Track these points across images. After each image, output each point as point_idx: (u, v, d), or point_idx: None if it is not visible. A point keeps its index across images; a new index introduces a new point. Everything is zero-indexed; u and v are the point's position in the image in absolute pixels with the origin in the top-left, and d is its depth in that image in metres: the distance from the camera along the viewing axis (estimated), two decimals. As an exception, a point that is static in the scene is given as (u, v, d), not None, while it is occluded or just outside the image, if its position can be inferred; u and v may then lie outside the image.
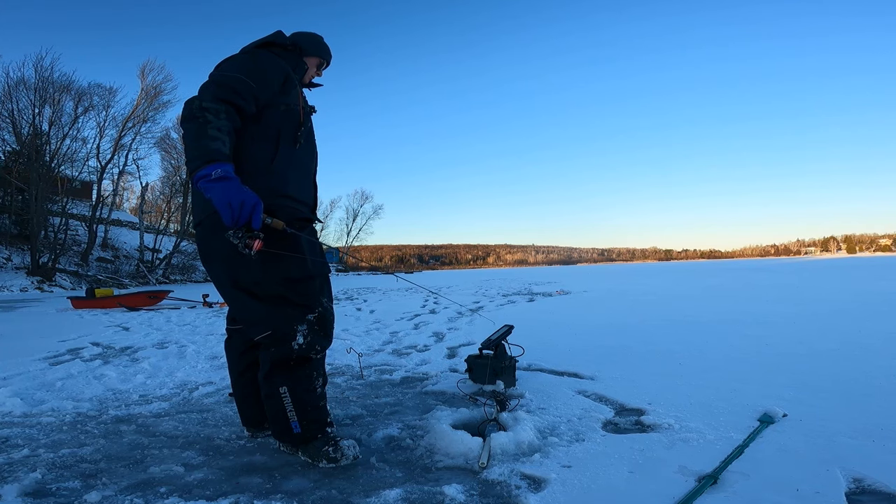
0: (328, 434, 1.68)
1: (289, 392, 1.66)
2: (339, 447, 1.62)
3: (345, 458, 1.61)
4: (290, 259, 1.67)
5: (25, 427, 2.10)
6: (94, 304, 9.12)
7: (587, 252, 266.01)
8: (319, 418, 1.68)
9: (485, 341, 2.61)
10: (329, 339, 1.76)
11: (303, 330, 1.67)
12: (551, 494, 1.36)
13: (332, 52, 2.04)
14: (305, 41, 1.95)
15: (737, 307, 6.06)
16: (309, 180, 1.85)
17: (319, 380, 1.72)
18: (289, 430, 1.66)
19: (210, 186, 1.48)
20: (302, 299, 1.68)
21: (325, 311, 1.75)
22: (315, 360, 1.71)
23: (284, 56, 1.86)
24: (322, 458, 1.61)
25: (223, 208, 1.48)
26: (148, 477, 1.57)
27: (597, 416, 2.02)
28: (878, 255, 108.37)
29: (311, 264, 1.71)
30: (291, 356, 1.66)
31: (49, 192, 22.02)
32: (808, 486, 1.35)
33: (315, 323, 1.70)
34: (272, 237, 1.63)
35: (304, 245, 1.71)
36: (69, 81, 22.67)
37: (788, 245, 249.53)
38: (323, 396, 1.73)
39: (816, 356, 2.99)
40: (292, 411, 1.65)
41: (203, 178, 1.50)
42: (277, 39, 1.89)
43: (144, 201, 30.24)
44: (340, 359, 3.48)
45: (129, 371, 3.22)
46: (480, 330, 4.67)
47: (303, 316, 1.68)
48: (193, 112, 1.55)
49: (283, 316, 1.66)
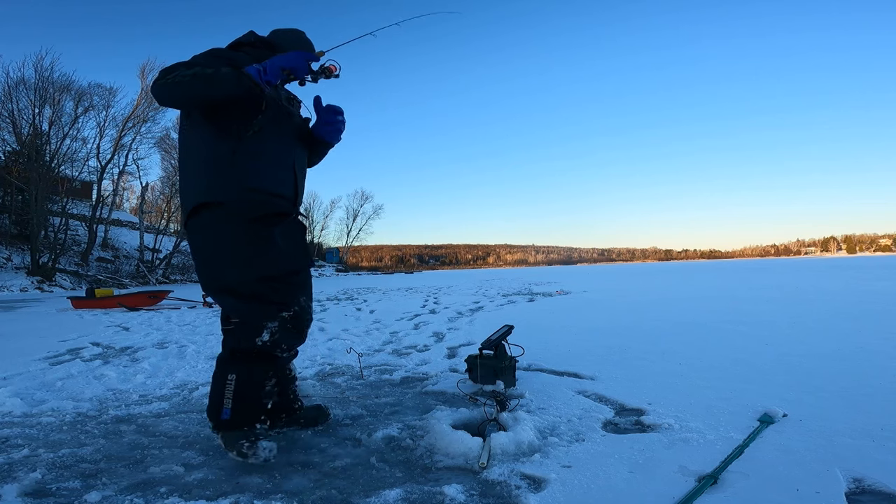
0: (255, 430, 1.68)
1: (236, 381, 1.66)
2: (255, 446, 1.62)
3: (254, 458, 1.61)
4: (263, 257, 1.66)
5: (25, 427, 2.10)
6: (94, 304, 9.12)
7: (587, 252, 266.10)
8: (253, 414, 1.68)
9: (485, 341, 2.61)
10: (301, 338, 1.77)
11: (272, 327, 1.67)
12: (551, 494, 1.36)
13: (314, 47, 1.98)
14: (280, 38, 1.93)
15: (737, 307, 6.06)
16: (285, 172, 1.79)
17: (273, 379, 1.72)
18: (218, 412, 1.67)
19: (270, 70, 1.62)
20: (279, 297, 1.69)
21: (302, 310, 1.74)
22: (279, 358, 1.72)
23: (252, 54, 1.84)
24: (234, 450, 1.63)
25: (292, 63, 1.64)
26: (148, 477, 1.57)
27: (597, 416, 2.02)
28: (878, 255, 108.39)
29: (285, 260, 1.70)
30: (253, 350, 1.67)
31: (49, 192, 22.02)
32: (808, 486, 1.35)
33: (288, 321, 1.70)
34: (242, 238, 1.65)
35: (277, 241, 1.69)
36: (69, 81, 22.71)
37: (788, 245, 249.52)
38: (270, 395, 1.72)
39: (817, 356, 2.99)
40: (230, 399, 1.66)
41: (261, 74, 1.61)
42: (245, 39, 1.90)
43: (144, 201, 30.24)
44: (340, 359, 3.48)
45: (129, 371, 3.22)
46: (480, 330, 4.67)
47: (276, 313, 1.68)
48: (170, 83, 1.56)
49: (255, 310, 1.68)
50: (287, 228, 1.76)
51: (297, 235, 1.80)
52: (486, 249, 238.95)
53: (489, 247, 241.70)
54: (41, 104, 21.82)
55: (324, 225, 57.73)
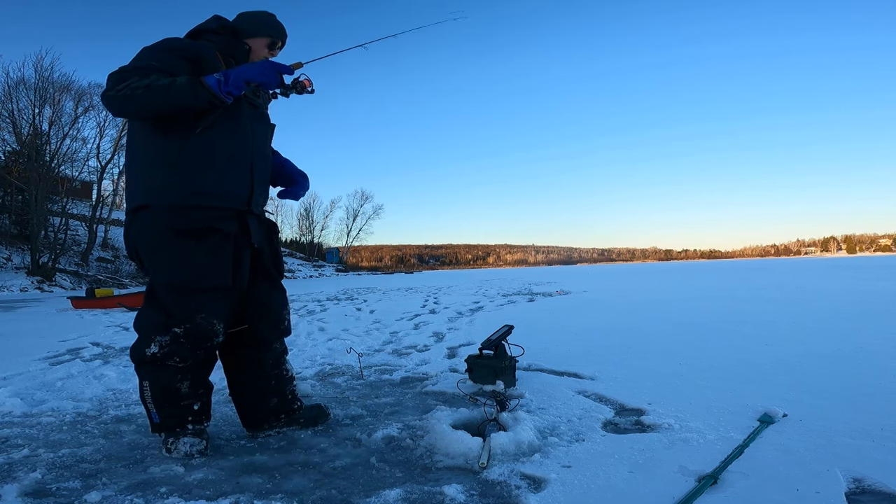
0: (186, 430, 1.72)
1: (150, 387, 1.70)
2: (177, 442, 1.69)
3: (176, 453, 1.68)
4: (175, 266, 1.65)
5: (25, 427, 2.10)
6: (94, 304, 9.12)
7: (587, 252, 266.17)
8: (177, 414, 1.71)
9: (485, 341, 2.61)
10: (198, 352, 1.69)
11: (161, 340, 1.65)
12: (551, 494, 1.36)
13: (284, 30, 1.94)
14: (244, 22, 1.86)
15: (737, 307, 6.06)
16: (236, 169, 1.72)
17: (185, 382, 1.71)
18: (150, 418, 1.73)
19: (233, 81, 1.54)
20: (175, 310, 1.66)
21: (196, 326, 1.66)
22: (178, 367, 1.69)
23: (215, 40, 1.78)
24: (164, 448, 1.71)
25: (260, 77, 1.56)
26: (148, 477, 1.57)
27: (597, 416, 2.02)
28: (878, 255, 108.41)
29: (200, 274, 1.65)
30: (146, 358, 1.68)
31: (49, 192, 22.05)
32: (808, 486, 1.35)
33: (182, 336, 1.66)
34: (163, 245, 1.65)
35: (195, 253, 1.64)
36: (69, 81, 22.79)
37: (788, 245, 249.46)
38: (189, 396, 1.73)
39: (817, 356, 2.99)
40: (151, 404, 1.71)
41: (220, 85, 1.53)
42: (206, 26, 1.83)
43: (144, 201, 30.19)
44: (340, 359, 3.48)
45: (129, 371, 3.22)
46: (480, 330, 4.67)
47: (167, 327, 1.65)
48: (121, 96, 1.51)
49: (148, 321, 1.70)
50: (217, 245, 1.68)
51: (225, 253, 1.70)
52: (486, 249, 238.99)
53: (489, 247, 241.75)
54: (41, 104, 21.89)
55: (324, 225, 57.80)
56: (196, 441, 1.69)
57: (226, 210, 1.72)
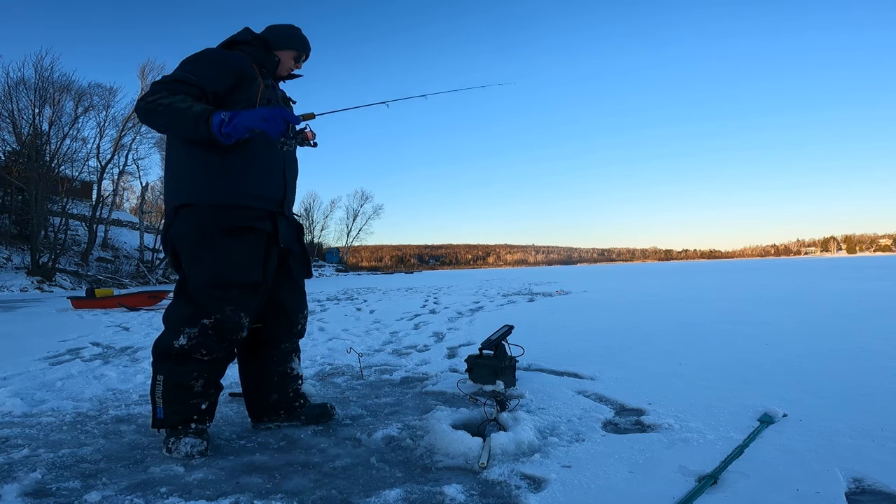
0: (188, 428, 1.72)
1: (163, 382, 1.71)
2: (178, 441, 1.69)
3: (176, 453, 1.68)
4: (215, 261, 1.71)
5: (25, 427, 2.10)
6: (94, 304, 9.11)
7: (587, 252, 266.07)
8: (183, 412, 1.72)
9: (485, 341, 2.61)
10: (224, 344, 1.74)
11: (190, 332, 1.69)
12: (551, 494, 1.36)
13: (309, 44, 2.04)
14: (274, 35, 1.96)
15: (737, 307, 6.06)
16: (274, 175, 1.84)
17: (200, 380, 1.73)
18: (154, 412, 1.74)
19: (235, 124, 1.54)
20: (207, 302, 1.71)
21: (226, 318, 1.73)
22: (202, 360, 1.72)
23: (249, 52, 1.88)
24: (164, 447, 1.71)
25: (263, 125, 1.54)
26: (148, 477, 1.57)
27: (597, 416, 2.02)
28: (878, 255, 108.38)
29: (233, 270, 1.73)
30: (171, 351, 1.70)
31: (49, 192, 22.02)
32: (808, 486, 1.35)
33: (210, 328, 1.71)
34: (204, 240, 1.70)
35: (232, 250, 1.73)
36: (69, 81, 22.73)
37: (788, 245, 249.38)
38: (200, 395, 1.74)
39: (816, 356, 2.99)
40: (160, 398, 1.71)
41: (222, 126, 1.54)
42: (240, 37, 1.92)
43: (144, 201, 30.25)
44: (340, 359, 3.48)
45: (129, 371, 3.23)
46: (480, 330, 4.67)
47: (197, 319, 1.70)
48: (146, 108, 1.59)
49: (178, 313, 1.73)
50: (253, 243, 1.78)
51: (258, 252, 1.80)
52: (486, 249, 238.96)
53: (489, 247, 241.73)
54: (41, 104, 21.86)
55: (324, 225, 57.72)
56: (197, 441, 1.70)
57: (262, 211, 1.82)
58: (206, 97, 1.69)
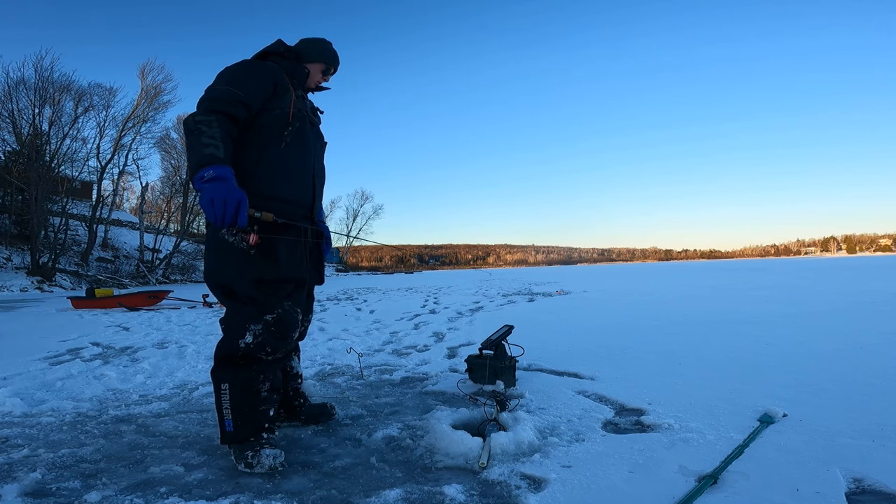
0: (260, 438, 1.66)
1: (229, 390, 1.67)
2: (258, 454, 1.59)
3: (259, 467, 1.58)
4: (262, 263, 1.71)
5: (25, 427, 2.10)
6: (94, 304, 9.11)
7: (587, 252, 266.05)
8: (254, 421, 1.67)
9: (485, 341, 2.61)
10: (285, 341, 1.75)
11: (255, 329, 1.69)
12: (551, 494, 1.36)
13: (338, 58, 2.09)
14: (306, 48, 2.02)
15: (737, 307, 6.06)
16: (302, 180, 1.88)
17: (266, 384, 1.71)
18: (223, 425, 1.68)
19: (201, 187, 1.55)
20: (265, 299, 1.72)
21: (286, 313, 1.75)
22: (264, 361, 1.71)
23: (282, 63, 1.93)
24: (241, 462, 1.61)
25: (206, 206, 1.53)
26: (148, 477, 1.57)
27: (597, 416, 2.02)
28: (878, 255, 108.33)
29: (282, 268, 1.75)
30: (237, 353, 1.68)
31: (49, 192, 22.00)
32: (808, 486, 1.35)
33: (272, 324, 1.71)
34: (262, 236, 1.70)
35: (278, 249, 1.75)
36: (69, 81, 22.68)
37: (788, 245, 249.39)
38: (266, 401, 1.71)
39: (816, 356, 2.99)
40: (227, 409, 1.67)
41: (198, 180, 1.56)
42: (274, 49, 1.97)
43: (144, 201, 30.21)
44: (340, 359, 3.48)
45: (129, 371, 3.22)
46: (480, 330, 4.67)
47: (260, 315, 1.70)
48: (190, 127, 1.63)
49: (239, 314, 1.71)
50: (292, 241, 1.81)
51: (300, 248, 1.84)
52: (485, 249, 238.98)
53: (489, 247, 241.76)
54: (41, 104, 21.81)
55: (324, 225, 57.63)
56: (276, 452, 1.62)
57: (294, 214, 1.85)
58: (251, 113, 1.73)
